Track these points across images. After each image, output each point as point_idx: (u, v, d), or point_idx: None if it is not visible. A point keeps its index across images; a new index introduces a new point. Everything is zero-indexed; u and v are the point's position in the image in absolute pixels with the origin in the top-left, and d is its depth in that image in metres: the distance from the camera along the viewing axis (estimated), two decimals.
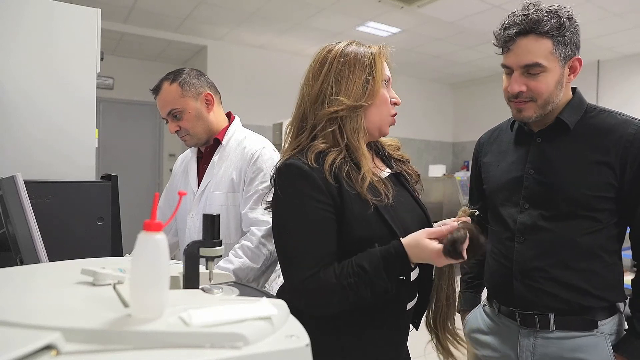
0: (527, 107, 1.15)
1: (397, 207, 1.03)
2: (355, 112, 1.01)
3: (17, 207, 0.96)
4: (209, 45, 5.66)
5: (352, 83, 1.01)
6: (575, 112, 1.18)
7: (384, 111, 1.06)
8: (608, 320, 1.14)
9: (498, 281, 1.25)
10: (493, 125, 1.43)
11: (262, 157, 1.52)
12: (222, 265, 1.43)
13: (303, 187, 0.95)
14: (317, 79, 1.03)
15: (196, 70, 1.62)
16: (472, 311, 1.40)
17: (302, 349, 0.49)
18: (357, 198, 0.96)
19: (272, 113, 5.49)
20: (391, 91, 1.09)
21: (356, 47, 1.05)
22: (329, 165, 0.96)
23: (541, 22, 1.09)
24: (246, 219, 1.50)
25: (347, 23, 5.04)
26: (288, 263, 0.98)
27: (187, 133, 1.58)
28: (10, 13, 1.39)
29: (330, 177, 0.96)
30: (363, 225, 0.96)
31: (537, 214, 1.16)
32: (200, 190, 1.59)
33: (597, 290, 1.13)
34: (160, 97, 1.57)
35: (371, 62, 1.02)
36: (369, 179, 0.99)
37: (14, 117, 1.39)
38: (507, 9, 1.28)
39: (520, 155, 1.23)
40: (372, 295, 0.93)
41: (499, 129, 1.38)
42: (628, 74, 5.81)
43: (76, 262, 0.76)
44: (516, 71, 1.15)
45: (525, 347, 1.19)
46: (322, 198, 0.95)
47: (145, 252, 0.50)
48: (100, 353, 0.44)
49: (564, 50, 1.11)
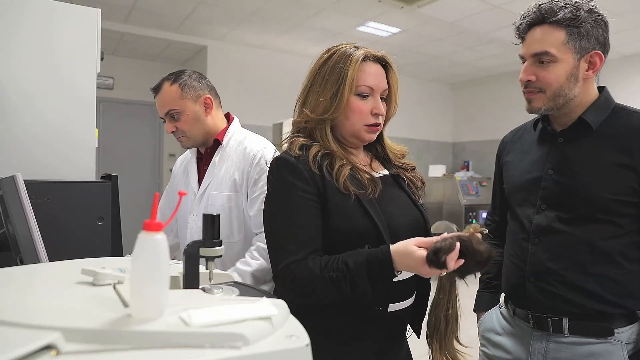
0: (536, 98, 1.14)
1: (385, 202, 1.05)
2: (322, 124, 1.06)
3: (17, 207, 0.96)
4: (208, 45, 5.66)
5: (319, 97, 1.05)
6: (600, 112, 1.14)
7: (355, 121, 1.06)
8: (626, 328, 1.10)
9: (513, 282, 1.23)
10: (493, 125, 1.44)
11: (264, 157, 1.53)
12: (240, 268, 1.44)
13: (289, 177, 1.00)
14: (302, 88, 1.11)
15: (198, 73, 1.63)
16: (489, 312, 1.37)
17: (302, 349, 0.49)
18: (338, 189, 1.00)
19: (272, 113, 5.49)
20: (376, 101, 1.07)
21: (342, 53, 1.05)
22: (313, 155, 1.02)
23: (555, 11, 1.08)
24: (257, 220, 1.50)
25: (347, 23, 5.04)
26: (275, 248, 1.01)
27: (184, 134, 1.58)
28: (10, 13, 1.39)
29: (315, 167, 1.01)
30: (345, 216, 0.99)
31: (553, 216, 1.13)
32: (201, 191, 1.59)
33: (615, 297, 1.08)
34: (160, 96, 1.57)
35: (344, 75, 1.03)
36: (347, 171, 1.02)
37: (14, 117, 1.39)
38: (507, 9, 1.28)
39: (541, 155, 1.20)
40: (352, 293, 0.94)
41: (523, 128, 1.35)
42: (628, 74, 5.81)
43: (76, 262, 0.75)
44: (527, 60, 1.14)
45: (537, 351, 1.16)
46: (307, 188, 1.00)
47: (145, 252, 0.50)
48: (100, 353, 0.44)
49: (580, 42, 1.08)
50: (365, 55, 1.06)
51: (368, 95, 1.06)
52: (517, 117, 1.56)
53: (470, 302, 1.43)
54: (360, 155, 1.15)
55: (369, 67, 1.06)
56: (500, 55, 6.03)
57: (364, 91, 1.05)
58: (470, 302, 1.44)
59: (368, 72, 1.05)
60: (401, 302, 1.07)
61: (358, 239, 0.97)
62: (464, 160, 7.64)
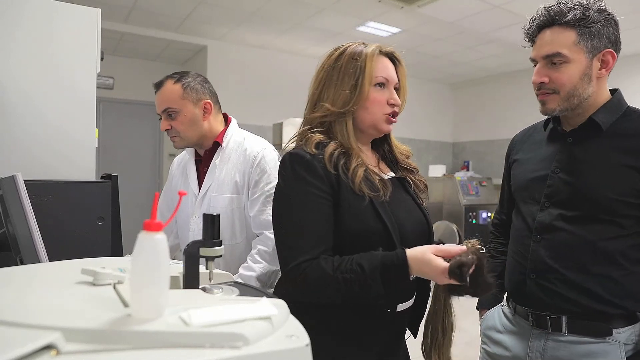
0: (550, 100, 1.14)
1: (394, 205, 1.04)
2: (342, 117, 1.06)
3: (17, 207, 0.96)
4: (209, 45, 5.66)
5: (338, 90, 1.06)
6: (611, 113, 1.14)
7: (375, 112, 1.08)
8: (625, 329, 1.10)
9: (514, 279, 1.23)
10: (493, 125, 1.44)
11: (264, 158, 1.54)
12: (244, 273, 1.45)
13: (304, 174, 0.99)
14: (314, 84, 1.11)
15: (202, 76, 1.64)
16: (491, 310, 1.38)
17: (302, 349, 0.49)
18: (353, 189, 1.00)
19: (272, 113, 5.48)
20: (391, 92, 1.10)
21: (354, 49, 1.08)
22: (329, 154, 1.01)
23: (564, 12, 1.08)
24: (257, 221, 1.51)
25: (347, 23, 5.04)
26: (286, 247, 0.99)
27: (177, 134, 1.58)
28: (10, 13, 1.39)
29: (330, 166, 1.00)
30: (357, 216, 0.99)
31: (557, 214, 1.14)
32: (202, 193, 1.59)
33: (614, 297, 1.09)
34: (161, 93, 1.58)
35: (362, 66, 1.05)
36: (362, 173, 1.01)
37: (14, 117, 1.39)
38: (507, 9, 1.28)
39: (549, 154, 1.20)
40: (364, 295, 0.94)
41: (534, 128, 1.35)
42: (628, 74, 5.81)
43: (76, 262, 0.76)
44: (539, 62, 1.14)
45: (536, 349, 1.16)
46: (322, 186, 0.99)
47: (145, 252, 0.50)
48: (100, 353, 0.44)
49: (591, 42, 1.08)
50: (379, 49, 1.09)
51: (384, 85, 1.09)
52: (517, 117, 1.56)
53: (473, 302, 1.43)
54: (368, 154, 1.16)
55: (382, 60, 1.09)
56: (500, 55, 6.02)
57: (381, 81, 1.08)
58: (472, 302, 1.44)
59: (383, 65, 1.09)
60: (405, 303, 1.07)
61: (367, 240, 0.98)
62: (464, 160, 7.64)
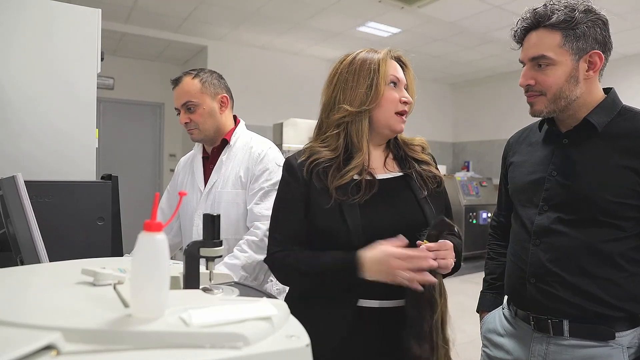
0: (537, 101, 1.14)
1: (372, 205, 1.09)
2: (359, 116, 1.13)
3: (17, 207, 0.96)
4: (209, 46, 5.66)
5: (355, 90, 1.12)
6: (606, 114, 1.12)
7: (388, 110, 1.14)
8: (628, 332, 1.08)
9: (514, 283, 1.22)
10: (493, 125, 1.44)
11: (267, 156, 1.61)
12: (229, 262, 1.46)
13: (288, 178, 1.15)
14: (329, 88, 1.17)
15: (217, 73, 1.71)
16: (491, 312, 1.37)
17: (302, 349, 0.49)
18: (322, 192, 1.10)
19: (273, 113, 5.49)
20: (402, 91, 1.16)
21: (365, 54, 1.15)
22: (309, 163, 1.13)
23: (549, 15, 1.08)
24: (251, 213, 1.55)
25: (347, 23, 5.04)
26: (269, 237, 1.17)
27: (197, 127, 1.63)
28: (11, 13, 1.39)
29: (307, 172, 1.12)
30: (323, 216, 1.09)
31: (555, 217, 1.12)
32: (207, 189, 1.64)
33: (616, 300, 1.07)
34: (180, 87, 1.63)
35: (376, 68, 1.12)
36: (349, 177, 1.10)
37: (14, 117, 1.39)
38: (507, 9, 1.28)
39: (545, 156, 1.20)
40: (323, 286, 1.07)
41: (529, 129, 1.34)
42: (628, 74, 5.81)
43: (76, 262, 0.76)
44: (526, 64, 1.15)
45: (538, 353, 1.15)
46: (300, 188, 1.12)
47: (146, 252, 0.50)
48: (100, 353, 0.44)
49: (577, 43, 1.08)
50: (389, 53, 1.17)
51: (396, 84, 1.15)
52: (517, 117, 1.56)
53: (474, 302, 1.43)
54: (377, 154, 1.19)
55: (393, 63, 1.17)
56: (500, 55, 6.03)
57: (394, 80, 1.14)
58: (473, 303, 1.44)
59: (393, 66, 1.16)
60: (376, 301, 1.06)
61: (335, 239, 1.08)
62: (464, 160, 7.64)
